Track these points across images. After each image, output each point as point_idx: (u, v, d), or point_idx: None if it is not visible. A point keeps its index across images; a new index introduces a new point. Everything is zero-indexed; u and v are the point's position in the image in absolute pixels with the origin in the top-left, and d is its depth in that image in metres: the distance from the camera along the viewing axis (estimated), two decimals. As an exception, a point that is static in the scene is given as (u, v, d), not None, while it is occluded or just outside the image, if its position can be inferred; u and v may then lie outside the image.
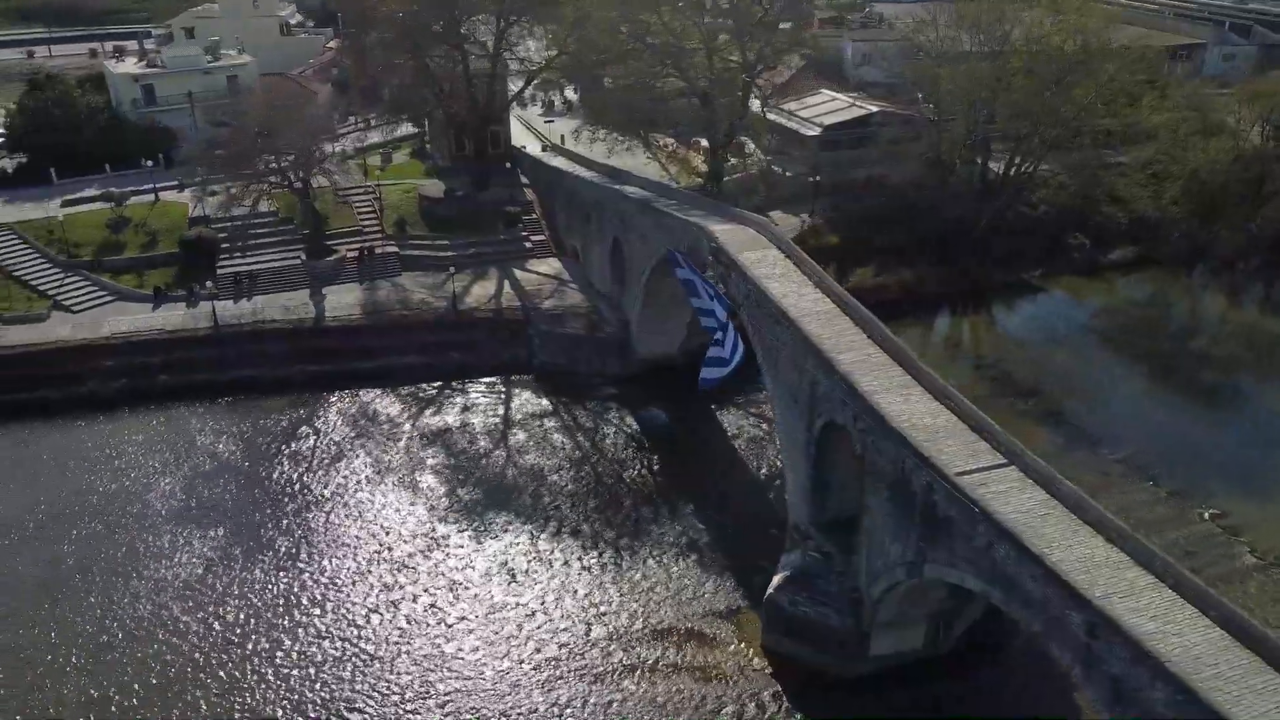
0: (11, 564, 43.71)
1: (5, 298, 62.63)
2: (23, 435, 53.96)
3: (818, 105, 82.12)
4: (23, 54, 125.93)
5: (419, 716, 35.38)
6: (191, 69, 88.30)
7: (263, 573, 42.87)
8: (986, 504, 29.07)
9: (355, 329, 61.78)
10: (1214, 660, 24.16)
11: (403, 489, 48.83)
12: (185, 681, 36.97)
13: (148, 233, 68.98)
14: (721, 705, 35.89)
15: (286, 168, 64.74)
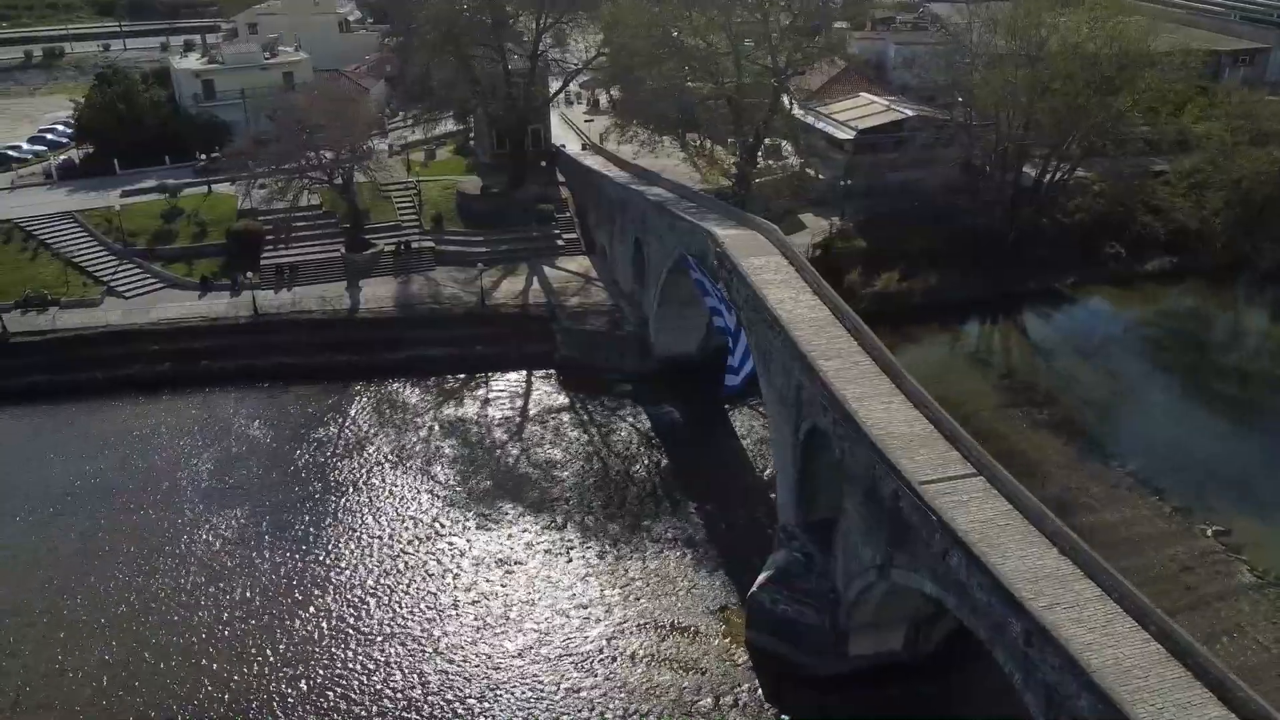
0: (53, 533, 46.84)
1: (63, 283, 66.37)
2: (72, 413, 57.39)
3: (855, 109, 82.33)
4: (100, 47, 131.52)
5: (408, 692, 37.28)
6: (249, 65, 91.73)
7: (277, 550, 45.31)
8: (944, 512, 29.86)
9: (387, 321, 64.17)
10: (1145, 673, 24.75)
11: (418, 477, 50.94)
12: (200, 649, 39.46)
13: (198, 223, 72.29)
14: (699, 696, 37.16)
15: (327, 164, 67.12)
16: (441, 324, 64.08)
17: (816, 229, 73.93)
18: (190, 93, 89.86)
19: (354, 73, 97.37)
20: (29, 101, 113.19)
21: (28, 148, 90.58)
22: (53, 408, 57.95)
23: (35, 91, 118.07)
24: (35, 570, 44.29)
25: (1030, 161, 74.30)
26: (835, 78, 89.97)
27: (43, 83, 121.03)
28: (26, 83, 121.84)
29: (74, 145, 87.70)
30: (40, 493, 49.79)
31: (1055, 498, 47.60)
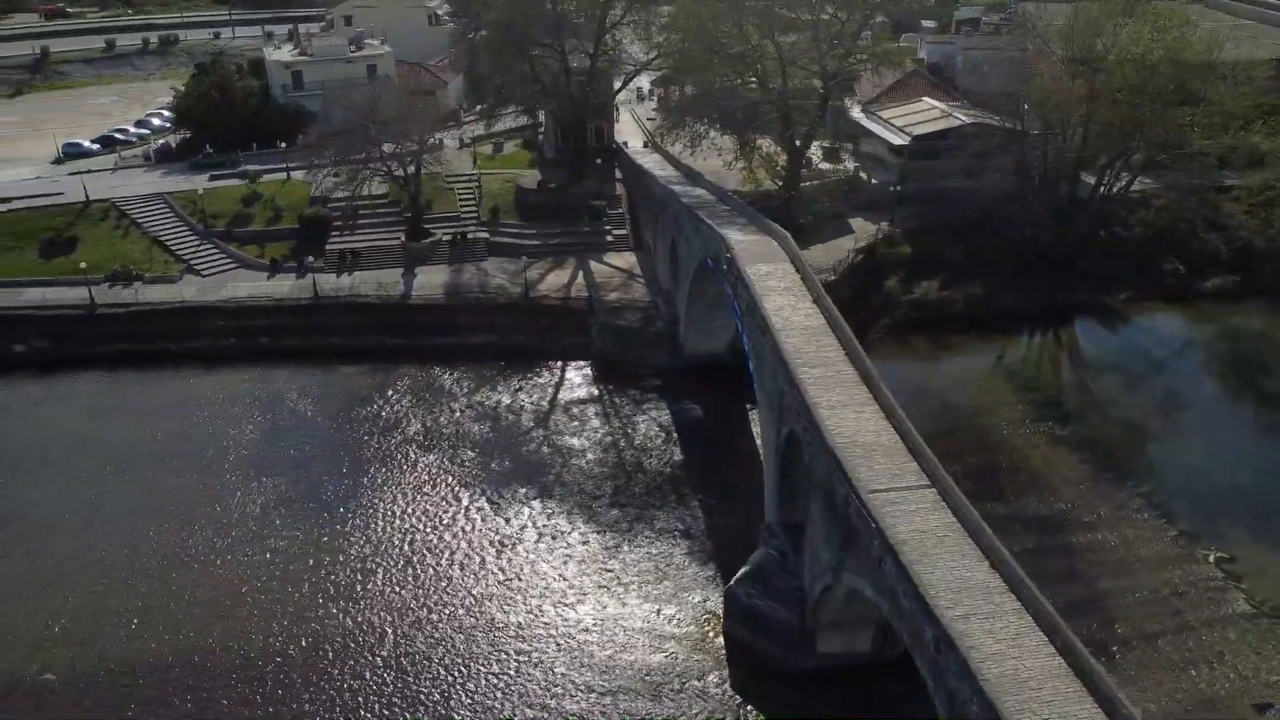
0: (112, 487, 51.77)
1: (149, 260, 72.04)
2: (144, 380, 62.72)
3: (913, 114, 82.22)
4: (211, 35, 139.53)
5: (403, 647, 40.37)
6: (335, 58, 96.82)
7: (306, 516, 49.10)
8: (885, 520, 31.18)
9: (435, 307, 67.70)
10: (1040, 685, 25.80)
11: (444, 457, 54.16)
12: (226, 600, 43.42)
13: (274, 208, 77.30)
14: (668, 678, 39.19)
15: (387, 157, 70.90)
16: (486, 313, 67.30)
17: (863, 233, 74.52)
18: (281, 83, 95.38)
19: (435, 66, 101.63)
20: (143, 86, 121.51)
21: (134, 131, 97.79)
22: (128, 374, 63.43)
23: (150, 77, 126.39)
24: (93, 521, 49.13)
25: (1088, 172, 73.23)
26: (900, 81, 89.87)
27: (156, 68, 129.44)
28: (143, 68, 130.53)
29: (172, 130, 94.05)
30: (106, 450, 54.98)
31: (1055, 513, 48.68)
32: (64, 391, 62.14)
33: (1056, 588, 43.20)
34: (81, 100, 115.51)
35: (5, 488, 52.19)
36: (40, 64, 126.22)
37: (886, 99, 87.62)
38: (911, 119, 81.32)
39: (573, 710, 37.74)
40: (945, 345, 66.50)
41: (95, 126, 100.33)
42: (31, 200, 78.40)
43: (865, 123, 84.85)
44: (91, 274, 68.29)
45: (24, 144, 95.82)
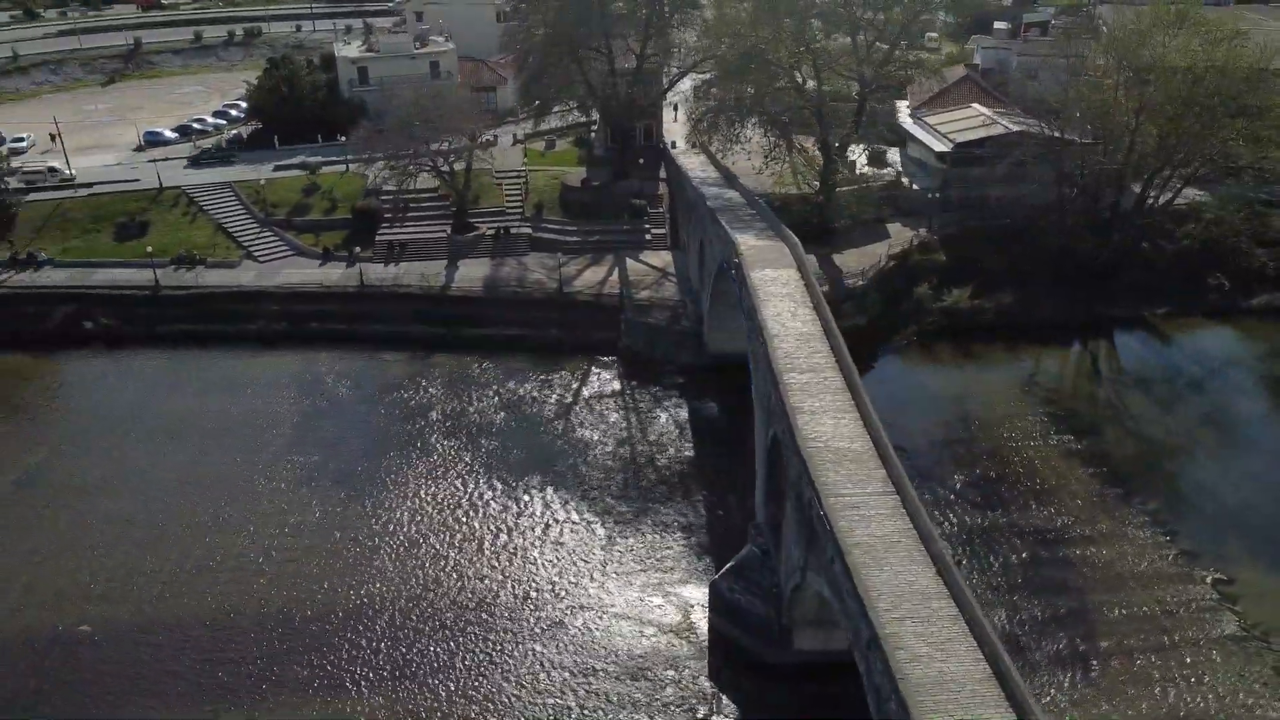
0: (161, 458, 55.77)
1: (212, 245, 76.44)
2: (200, 359, 66.89)
3: (958, 120, 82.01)
4: (293, 28, 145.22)
5: (405, 616, 43.06)
6: (399, 54, 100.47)
7: (333, 492, 52.20)
8: (838, 524, 32.49)
9: (473, 299, 70.46)
10: (959, 688, 26.97)
11: (466, 443, 56.75)
12: (253, 567, 46.70)
13: (331, 199, 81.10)
14: (649, 663, 41.03)
15: (430, 154, 73.80)
16: (521, 307, 69.80)
17: (900, 239, 74.85)
18: (348, 78, 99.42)
19: (497, 63, 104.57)
20: (225, 77, 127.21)
21: (211, 121, 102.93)
22: (186, 353, 67.71)
23: (233, 68, 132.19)
24: (140, 488, 53.11)
25: (1134, 183, 72.27)
26: (951, 86, 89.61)
27: (240, 60, 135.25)
28: (227, 59, 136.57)
29: (244, 121, 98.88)
30: (159, 423, 59.17)
31: (1056, 525, 49.19)
32: (127, 367, 66.73)
33: (1045, 598, 44.61)
34: (168, 90, 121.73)
35: (66, 455, 56.56)
36: (133, 54, 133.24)
37: (936, 104, 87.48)
38: (956, 125, 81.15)
39: (551, 685, 39.86)
40: (972, 354, 66.66)
41: (178, 115, 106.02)
42: (111, 186, 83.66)
43: (911, 127, 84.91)
44: (158, 257, 72.93)
45: (111, 131, 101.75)
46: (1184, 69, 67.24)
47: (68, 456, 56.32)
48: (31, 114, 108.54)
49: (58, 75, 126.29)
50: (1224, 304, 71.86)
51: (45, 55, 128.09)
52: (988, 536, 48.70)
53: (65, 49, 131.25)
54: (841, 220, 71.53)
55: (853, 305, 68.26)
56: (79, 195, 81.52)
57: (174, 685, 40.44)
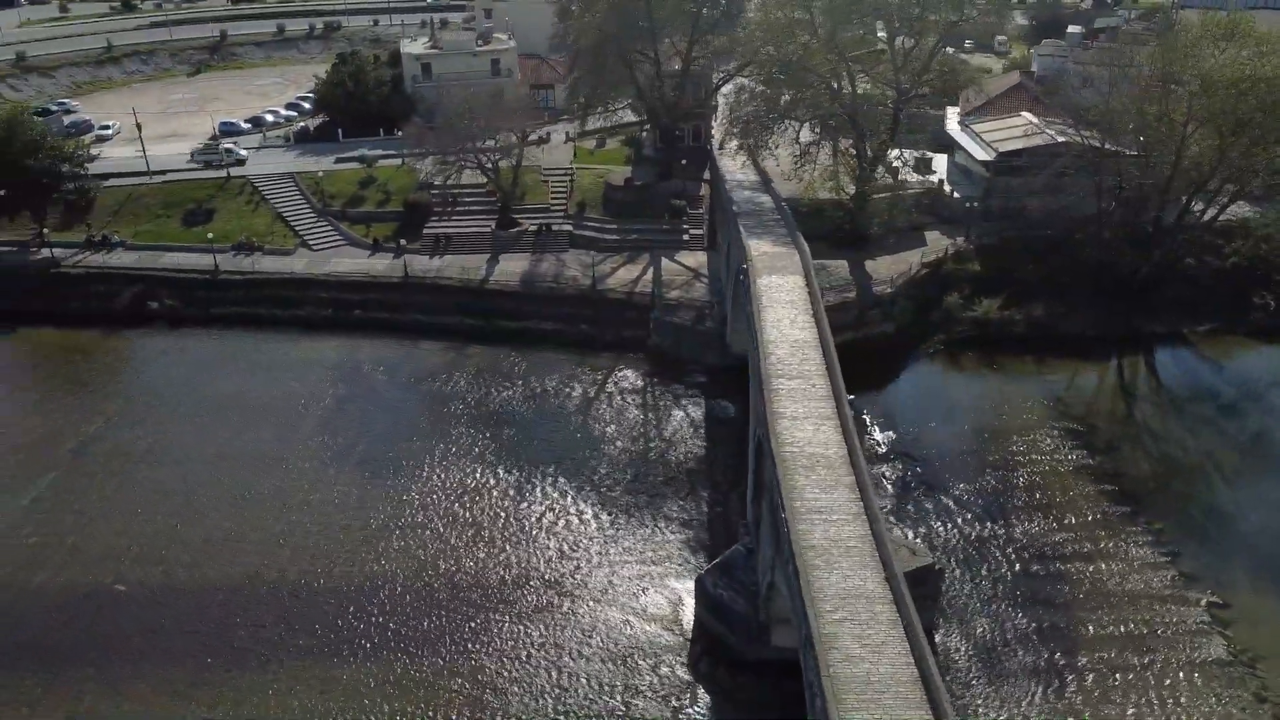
0: (205, 433, 59.53)
1: (270, 233, 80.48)
2: (251, 341, 70.84)
3: (1005, 128, 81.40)
4: (371, 22, 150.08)
5: (415, 590, 45.64)
6: (462, 51, 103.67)
7: (359, 471, 55.19)
8: (797, 526, 33.79)
9: (510, 294, 72.92)
10: (883, 690, 28.16)
11: (489, 432, 59.10)
12: (280, 537, 49.90)
13: (385, 192, 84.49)
14: (631, 651, 42.80)
15: (473, 151, 76.40)
16: (555, 302, 72.00)
17: (936, 247, 74.89)
18: (412, 74, 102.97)
19: (556, 61, 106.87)
20: (303, 69, 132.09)
21: (283, 113, 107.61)
22: (239, 334, 71.70)
23: (311, 60, 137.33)
24: (183, 460, 56.92)
25: (1179, 197, 70.99)
26: (1004, 93, 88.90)
27: (318, 53, 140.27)
28: (307, 52, 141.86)
29: (312, 114, 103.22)
30: (208, 400, 63.15)
31: (1055, 539, 49.57)
32: (184, 346, 71.03)
33: (1031, 610, 45.14)
34: (249, 81, 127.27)
35: (120, 426, 60.77)
36: (219, 46, 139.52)
37: (986, 111, 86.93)
38: (1002, 134, 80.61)
39: (534, 665, 41.95)
40: (999, 365, 66.59)
41: (255, 106, 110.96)
42: (184, 173, 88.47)
43: (957, 135, 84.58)
44: (219, 243, 77.21)
45: (192, 120, 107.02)
46: (1232, 81, 65.82)
47: (121, 427, 60.51)
48: (121, 102, 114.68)
49: (148, 65, 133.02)
50: (1270, 323, 70.31)
51: (137, 46, 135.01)
52: (983, 546, 49.18)
53: (156, 40, 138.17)
54: (873, 227, 71.84)
55: (880, 312, 68.85)
56: (153, 182, 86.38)
57: (193, 644, 43.68)
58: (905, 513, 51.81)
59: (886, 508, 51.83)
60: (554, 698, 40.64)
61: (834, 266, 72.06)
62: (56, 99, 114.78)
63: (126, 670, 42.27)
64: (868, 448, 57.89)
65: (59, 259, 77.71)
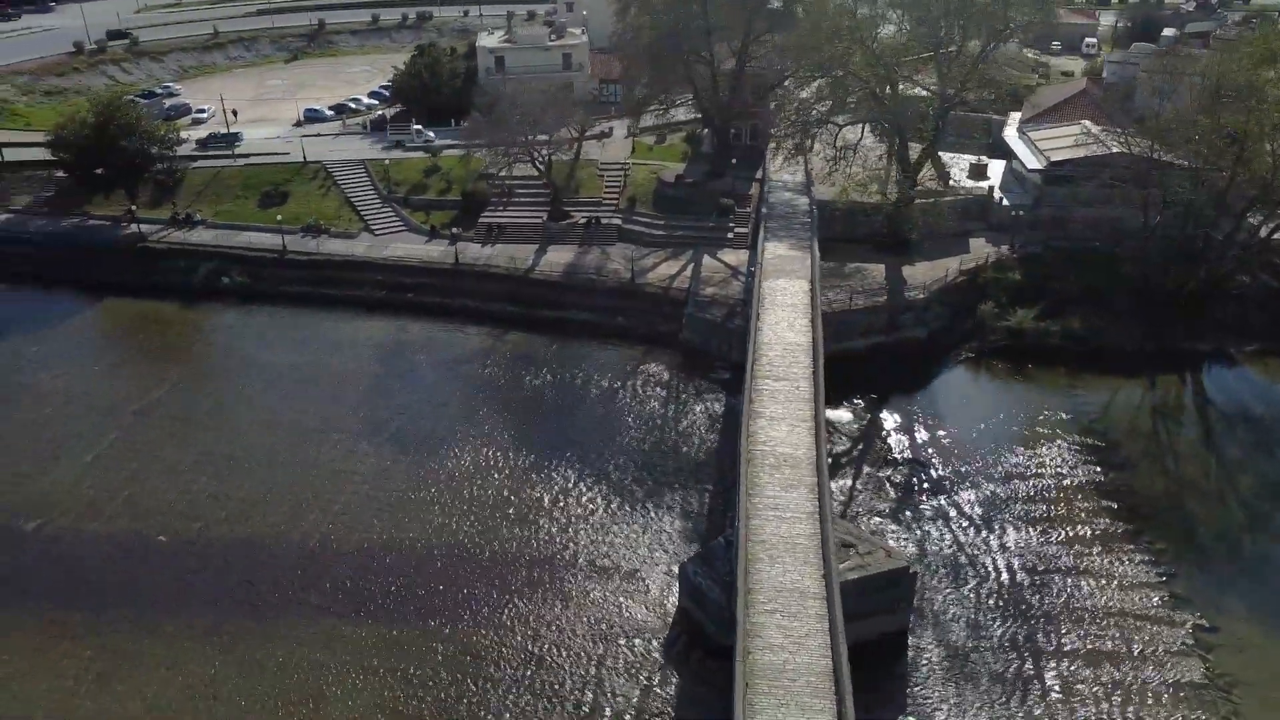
0: (258, 403, 64.31)
1: (337, 217, 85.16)
2: (310, 318, 75.43)
3: (1061, 136, 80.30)
4: (461, 13, 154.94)
5: (427, 556, 49.00)
6: (534, 46, 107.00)
7: (388, 446, 58.81)
8: (749, 523, 35.59)
9: (552, 284, 75.74)
10: (796, 679, 29.90)
11: (511, 418, 62.06)
12: (309, 502, 53.73)
13: (447, 181, 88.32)
14: (615, 630, 45.10)
15: (525, 145, 79.29)
16: (595, 293, 74.49)
17: (978, 255, 74.76)
18: (485, 66, 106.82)
19: (621, 57, 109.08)
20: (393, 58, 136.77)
21: (365, 101, 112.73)
22: (300, 312, 76.41)
23: (402, 49, 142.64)
24: (234, 425, 61.65)
25: (1233, 212, 69.32)
26: (1068, 100, 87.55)
27: (409, 42, 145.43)
28: (399, 41, 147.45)
29: (389, 104, 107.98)
30: (264, 371, 68.10)
31: (1048, 552, 50.09)
32: (250, 320, 76.17)
33: (1010, 621, 45.92)
34: (340, 69, 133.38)
35: (182, 391, 66.03)
36: (317, 34, 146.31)
37: (1047, 118, 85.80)
38: (1056, 142, 79.61)
39: (520, 634, 44.72)
40: (1029, 375, 66.43)
41: (342, 94, 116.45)
42: (266, 157, 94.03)
43: (1013, 141, 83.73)
44: (288, 225, 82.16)
45: (282, 105, 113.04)
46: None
47: (183, 393, 65.69)
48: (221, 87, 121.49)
49: (250, 51, 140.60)
50: (1323, 345, 68.21)
51: (241, 33, 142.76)
52: (974, 553, 49.85)
53: (259, 27, 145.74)
54: (910, 232, 72.17)
55: (912, 317, 69.39)
56: (236, 164, 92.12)
57: (219, 593, 47.84)
58: (902, 516, 52.71)
59: (885, 510, 53.24)
60: (532, 666, 43.29)
61: (871, 270, 73.08)
62: (162, 83, 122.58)
63: (158, 612, 46.65)
64: (877, 450, 59.23)
65: (146, 235, 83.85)
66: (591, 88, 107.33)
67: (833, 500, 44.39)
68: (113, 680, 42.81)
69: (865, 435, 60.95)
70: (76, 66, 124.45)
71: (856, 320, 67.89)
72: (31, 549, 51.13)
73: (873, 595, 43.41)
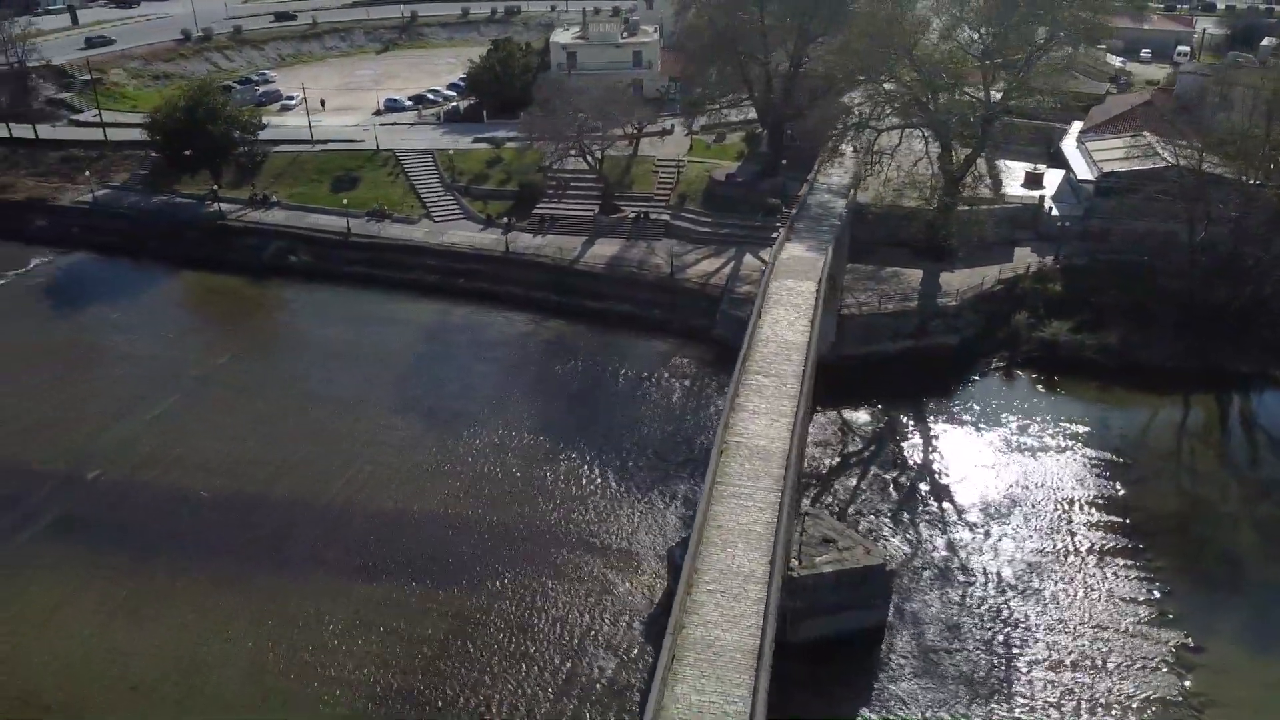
0: (306, 375, 68.72)
1: (401, 203, 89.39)
2: (366, 298, 79.56)
3: (1119, 148, 78.95)
4: (549, 8, 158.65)
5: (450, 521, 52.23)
6: (606, 43, 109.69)
7: (420, 421, 62.26)
8: (711, 509, 37.39)
9: (595, 275, 78.28)
10: (721, 653, 31.64)
11: (542, 398, 65.20)
12: (341, 468, 57.38)
13: (507, 172, 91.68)
14: (605, 604, 47.45)
15: (583, 138, 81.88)
16: (634, 286, 76.75)
17: (1020, 264, 74.36)
18: (557, 61, 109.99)
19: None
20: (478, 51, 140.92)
21: (444, 92, 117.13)
22: (358, 291, 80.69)
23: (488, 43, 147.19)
24: (280, 395, 66.08)
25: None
26: (1133, 110, 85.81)
27: (496, 36, 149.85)
28: (486, 34, 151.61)
29: (463, 96, 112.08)
30: (314, 345, 73.17)
31: (1040, 560, 50.36)
32: (311, 297, 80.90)
33: (989, 625, 46.59)
34: (427, 60, 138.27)
35: (241, 361, 71.01)
36: (408, 25, 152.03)
37: (1110, 128, 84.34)
38: (1113, 153, 78.35)
39: (513, 603, 47.42)
40: (1057, 387, 66.12)
41: (427, 84, 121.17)
42: (343, 145, 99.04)
43: (1069, 151, 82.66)
44: (354, 209, 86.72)
45: (367, 95, 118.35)
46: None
47: (241, 362, 70.61)
48: (314, 75, 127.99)
49: (345, 42, 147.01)
50: (1375, 372, 65.88)
51: (337, 24, 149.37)
52: (966, 557, 50.53)
53: (355, 18, 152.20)
54: (948, 239, 72.23)
55: (942, 323, 69.69)
56: (314, 150, 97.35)
57: (247, 546, 51.82)
58: (901, 518, 53.61)
59: (886, 511, 54.21)
60: (519, 633, 45.93)
61: (907, 275, 73.53)
62: (259, 70, 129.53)
63: (190, 558, 50.90)
64: (888, 452, 60.05)
65: (225, 213, 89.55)
66: (660, 85, 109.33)
67: (800, 495, 46.16)
68: (142, 613, 47.20)
69: (879, 437, 61.85)
70: (184, 53, 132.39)
71: (884, 324, 68.64)
72: (90, 495, 56.19)
73: (848, 590, 44.92)
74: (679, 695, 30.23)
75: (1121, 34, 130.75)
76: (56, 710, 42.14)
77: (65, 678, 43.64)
